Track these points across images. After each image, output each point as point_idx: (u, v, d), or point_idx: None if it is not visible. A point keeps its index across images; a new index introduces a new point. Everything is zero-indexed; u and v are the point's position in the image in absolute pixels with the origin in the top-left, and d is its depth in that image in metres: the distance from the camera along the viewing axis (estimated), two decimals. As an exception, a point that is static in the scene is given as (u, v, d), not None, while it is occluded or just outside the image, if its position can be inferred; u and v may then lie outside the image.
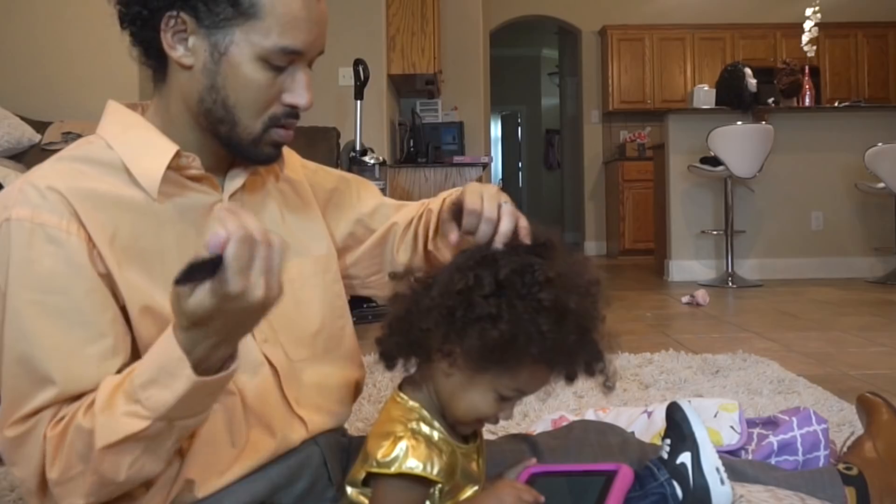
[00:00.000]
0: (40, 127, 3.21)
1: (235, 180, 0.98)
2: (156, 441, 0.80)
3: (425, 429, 0.89)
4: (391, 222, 1.17)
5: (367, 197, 1.19)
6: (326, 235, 1.11)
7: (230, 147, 0.94)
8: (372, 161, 4.01)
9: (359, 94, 4.04)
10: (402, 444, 0.86)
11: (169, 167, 0.91)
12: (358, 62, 4.01)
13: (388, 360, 0.92)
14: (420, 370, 0.93)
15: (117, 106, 0.97)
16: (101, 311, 0.85)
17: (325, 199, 1.14)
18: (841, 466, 1.21)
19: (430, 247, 1.12)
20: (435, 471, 0.85)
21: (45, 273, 0.82)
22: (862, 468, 1.20)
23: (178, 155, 0.91)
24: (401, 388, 0.94)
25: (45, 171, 0.88)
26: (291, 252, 1.03)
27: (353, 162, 4.02)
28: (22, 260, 0.82)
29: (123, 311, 0.87)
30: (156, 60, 0.92)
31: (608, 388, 0.90)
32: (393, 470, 0.85)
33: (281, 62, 0.89)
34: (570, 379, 0.90)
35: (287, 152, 1.08)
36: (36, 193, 0.84)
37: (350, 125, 4.14)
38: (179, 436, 0.82)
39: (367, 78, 4.04)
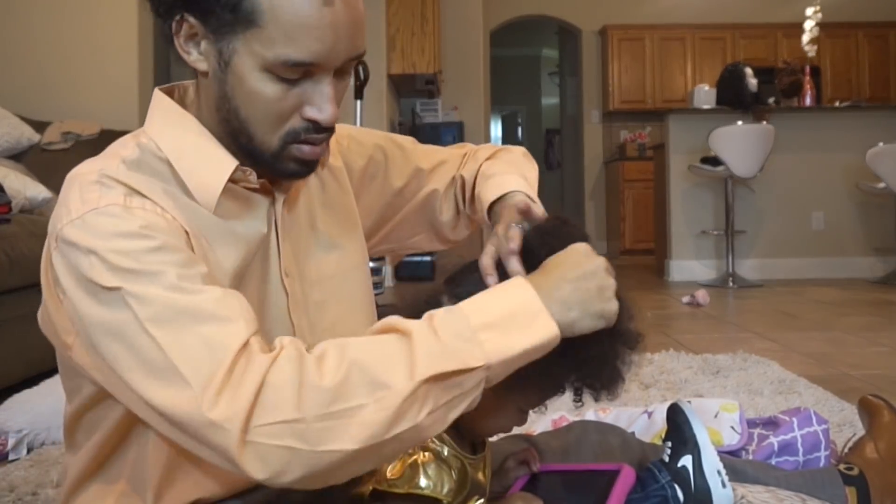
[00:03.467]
0: (40, 127, 3.21)
1: (287, 186, 0.92)
2: (462, 398, 0.70)
3: (435, 444, 0.87)
4: (431, 189, 1.13)
5: (403, 164, 1.12)
6: (360, 226, 1.06)
7: (252, 159, 0.85)
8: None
9: (359, 94, 4.03)
10: (413, 462, 0.84)
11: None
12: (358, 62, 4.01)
13: None
14: None
15: (167, 102, 0.88)
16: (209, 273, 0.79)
17: (360, 172, 1.08)
18: (842, 466, 1.21)
19: (468, 211, 1.12)
20: (445, 490, 0.84)
21: (152, 243, 0.74)
22: (863, 468, 1.20)
23: (235, 169, 0.84)
24: None
25: (118, 171, 0.80)
26: (331, 246, 0.99)
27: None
28: (126, 235, 0.74)
29: None
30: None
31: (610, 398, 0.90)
32: (402, 490, 0.83)
33: (290, 75, 0.79)
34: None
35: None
36: (119, 184, 0.78)
37: (350, 125, 4.14)
38: (455, 412, 0.71)
39: (366, 78, 4.03)
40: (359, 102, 4.05)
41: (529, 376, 0.79)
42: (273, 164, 0.85)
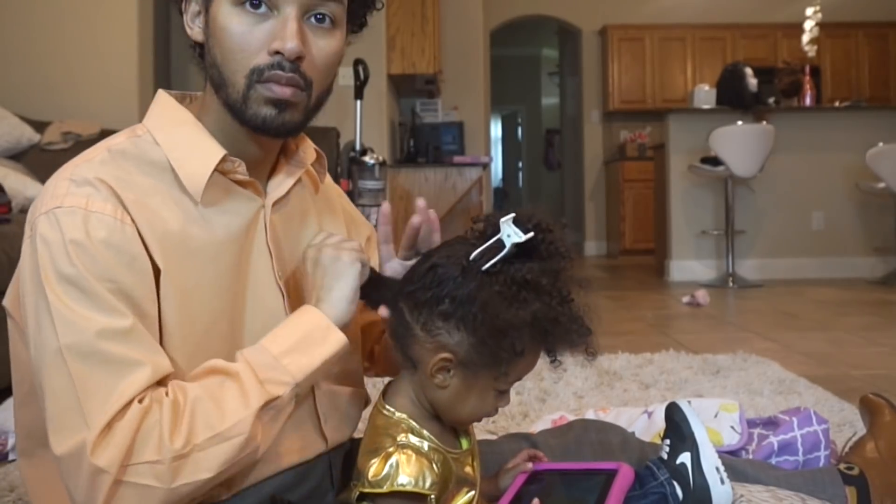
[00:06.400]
0: (40, 127, 3.21)
1: (280, 187, 0.96)
2: (282, 412, 0.84)
3: (415, 440, 0.87)
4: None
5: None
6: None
7: (233, 115, 0.89)
8: (372, 161, 4.01)
9: (359, 94, 4.04)
10: (393, 460, 0.84)
11: (215, 170, 0.88)
12: (358, 62, 4.01)
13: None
14: (404, 377, 0.92)
15: (168, 98, 0.94)
16: (149, 299, 0.83)
17: (351, 223, 1.13)
18: (842, 466, 1.21)
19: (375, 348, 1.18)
20: (427, 484, 0.83)
21: (100, 258, 0.80)
22: (863, 468, 1.20)
23: (224, 159, 0.89)
24: (384, 396, 0.93)
25: (93, 164, 0.85)
26: None
27: (353, 162, 4.01)
28: (78, 245, 0.79)
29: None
30: (199, 56, 0.93)
31: (591, 354, 0.89)
32: (385, 489, 0.83)
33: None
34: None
35: (329, 182, 1.09)
36: (87, 183, 0.83)
37: (350, 125, 4.14)
38: (280, 424, 0.86)
39: (366, 78, 4.04)
40: (359, 102, 4.05)
41: (490, 354, 0.83)
42: (245, 110, 0.87)
